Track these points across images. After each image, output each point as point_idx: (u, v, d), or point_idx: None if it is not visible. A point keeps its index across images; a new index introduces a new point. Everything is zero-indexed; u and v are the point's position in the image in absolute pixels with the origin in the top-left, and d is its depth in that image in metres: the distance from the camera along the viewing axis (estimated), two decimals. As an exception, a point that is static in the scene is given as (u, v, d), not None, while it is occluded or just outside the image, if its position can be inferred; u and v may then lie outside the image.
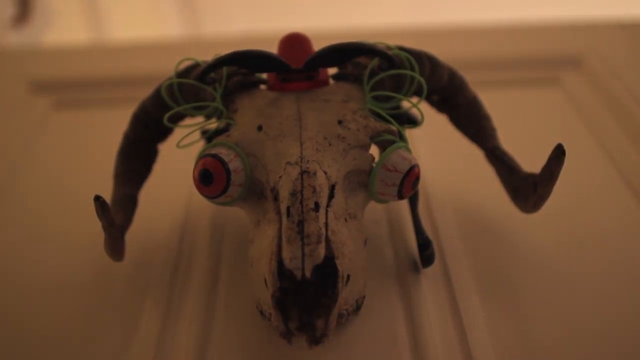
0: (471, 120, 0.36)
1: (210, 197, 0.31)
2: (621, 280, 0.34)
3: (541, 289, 0.34)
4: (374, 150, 0.32)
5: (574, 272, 0.35)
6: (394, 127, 0.32)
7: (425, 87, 0.33)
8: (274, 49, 0.35)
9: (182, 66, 0.35)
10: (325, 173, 0.30)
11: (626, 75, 0.51)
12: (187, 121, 0.35)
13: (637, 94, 0.49)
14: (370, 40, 0.33)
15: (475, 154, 0.40)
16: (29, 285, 0.36)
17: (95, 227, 0.32)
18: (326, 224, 0.28)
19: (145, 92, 0.36)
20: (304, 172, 0.29)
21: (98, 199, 0.30)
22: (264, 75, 0.35)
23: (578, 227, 0.38)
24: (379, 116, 0.33)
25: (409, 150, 0.31)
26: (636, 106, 0.48)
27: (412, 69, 0.33)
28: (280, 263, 0.27)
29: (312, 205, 0.28)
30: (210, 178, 0.30)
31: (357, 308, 0.31)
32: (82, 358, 0.32)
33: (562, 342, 0.31)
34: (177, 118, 0.35)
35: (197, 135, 0.40)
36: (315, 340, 0.27)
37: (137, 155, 0.36)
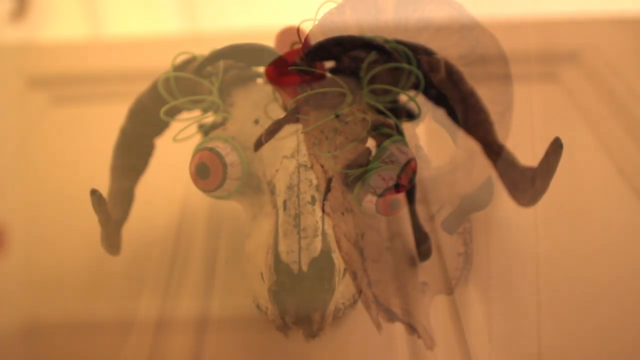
0: (468, 114, 0.36)
1: (206, 190, 0.31)
2: (620, 275, 0.34)
3: (540, 285, 0.34)
4: (370, 143, 0.32)
5: (572, 267, 0.35)
6: (391, 121, 0.32)
7: (422, 80, 0.33)
8: (271, 44, 0.35)
9: (179, 60, 0.35)
10: (322, 166, 0.30)
11: (624, 71, 0.51)
12: (184, 115, 0.35)
13: (635, 89, 0.49)
14: (367, 34, 0.33)
15: (473, 147, 0.40)
16: (26, 280, 0.36)
17: (92, 221, 0.32)
18: (323, 218, 0.28)
19: (143, 87, 0.36)
20: (300, 166, 0.29)
21: (94, 193, 0.30)
22: (261, 69, 0.35)
23: (575, 221, 0.38)
24: (376, 110, 0.33)
25: (406, 143, 0.31)
26: (634, 101, 0.47)
27: (410, 63, 0.33)
28: (277, 256, 0.27)
29: (308, 199, 0.28)
30: (206, 172, 0.30)
31: (354, 302, 0.31)
32: (80, 352, 0.32)
33: (560, 339, 0.31)
34: (174, 112, 0.35)
35: (193, 129, 0.40)
36: (312, 334, 0.27)
37: (134, 150, 0.36)
